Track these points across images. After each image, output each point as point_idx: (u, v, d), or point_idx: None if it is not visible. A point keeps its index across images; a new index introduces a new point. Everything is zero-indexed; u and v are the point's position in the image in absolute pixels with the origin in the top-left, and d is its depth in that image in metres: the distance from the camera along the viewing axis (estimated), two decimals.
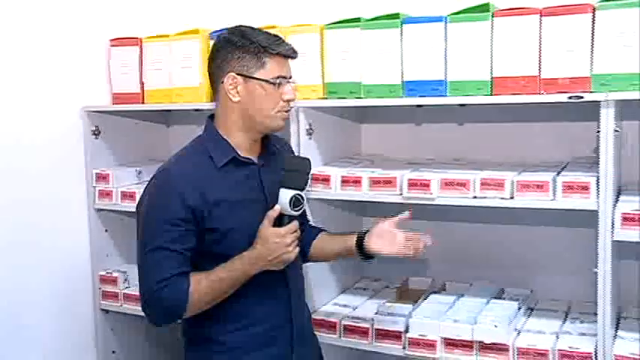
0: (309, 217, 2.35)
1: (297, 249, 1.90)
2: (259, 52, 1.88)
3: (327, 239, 2.20)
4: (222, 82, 1.92)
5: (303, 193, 1.89)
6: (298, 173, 1.91)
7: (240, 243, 1.87)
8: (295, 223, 1.89)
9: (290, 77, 1.96)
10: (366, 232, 2.07)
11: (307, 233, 2.18)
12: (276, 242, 1.84)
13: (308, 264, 2.28)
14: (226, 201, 1.89)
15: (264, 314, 1.97)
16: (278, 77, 1.90)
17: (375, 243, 2.02)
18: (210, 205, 1.86)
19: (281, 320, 2.00)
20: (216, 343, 1.96)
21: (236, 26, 1.97)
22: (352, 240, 2.08)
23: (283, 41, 1.93)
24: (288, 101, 1.94)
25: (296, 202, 1.86)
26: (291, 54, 1.95)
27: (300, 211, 1.89)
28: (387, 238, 2.02)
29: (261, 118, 1.93)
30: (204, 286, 1.85)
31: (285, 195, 1.86)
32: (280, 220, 1.87)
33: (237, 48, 1.89)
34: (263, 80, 1.89)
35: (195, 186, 1.86)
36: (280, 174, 1.92)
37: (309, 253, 2.19)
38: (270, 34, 1.94)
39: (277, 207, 1.86)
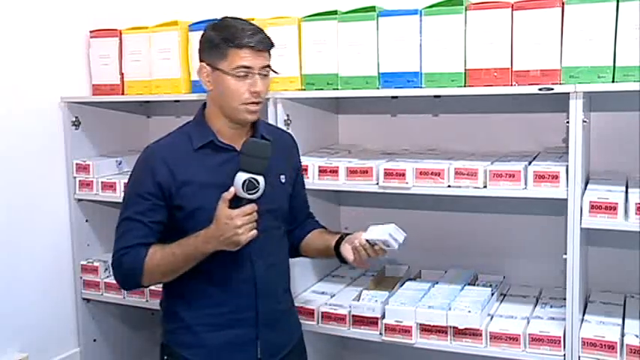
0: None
1: (253, 232, 1.87)
2: (221, 44, 1.90)
3: (316, 236, 2.21)
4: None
5: (259, 178, 1.86)
6: (255, 158, 1.88)
7: (206, 223, 1.88)
8: (251, 207, 1.86)
9: (264, 68, 1.94)
10: (348, 234, 2.09)
11: (300, 229, 2.22)
12: (225, 223, 1.84)
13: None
14: (195, 182, 1.94)
15: (226, 297, 2.00)
16: (239, 68, 1.90)
17: (347, 249, 2.04)
18: (179, 183, 1.93)
19: (244, 304, 2.01)
20: (180, 319, 2.02)
21: (222, 18, 2.00)
22: (334, 240, 2.10)
23: (252, 33, 1.90)
24: (255, 93, 1.93)
25: (249, 185, 1.85)
26: (255, 45, 1.90)
27: (256, 195, 1.86)
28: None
29: (229, 109, 1.95)
30: (158, 258, 1.92)
31: (239, 178, 1.85)
32: (238, 203, 1.86)
33: (207, 39, 1.95)
34: (223, 71, 1.91)
35: (167, 164, 1.94)
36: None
37: (301, 248, 2.21)
38: (245, 25, 1.93)
39: (232, 189, 1.86)
